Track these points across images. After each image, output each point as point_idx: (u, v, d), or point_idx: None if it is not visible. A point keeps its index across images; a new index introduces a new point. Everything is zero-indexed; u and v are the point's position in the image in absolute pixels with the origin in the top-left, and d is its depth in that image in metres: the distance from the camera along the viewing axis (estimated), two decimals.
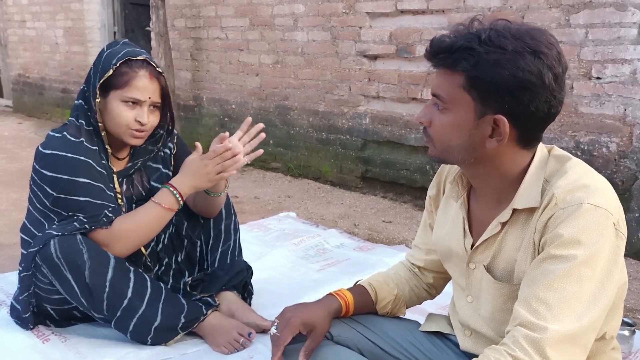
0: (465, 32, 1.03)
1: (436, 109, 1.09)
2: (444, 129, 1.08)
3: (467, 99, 1.04)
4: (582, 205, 0.98)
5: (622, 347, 1.29)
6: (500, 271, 1.13)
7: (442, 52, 1.04)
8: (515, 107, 1.01)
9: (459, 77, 1.03)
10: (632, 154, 2.67)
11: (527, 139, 1.08)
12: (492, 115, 1.03)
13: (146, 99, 1.69)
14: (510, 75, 0.99)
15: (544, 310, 0.96)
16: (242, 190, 3.91)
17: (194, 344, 1.77)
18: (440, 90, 1.08)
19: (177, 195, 1.70)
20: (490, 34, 1.01)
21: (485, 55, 0.99)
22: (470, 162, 1.10)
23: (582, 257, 0.96)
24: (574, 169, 1.06)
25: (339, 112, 3.97)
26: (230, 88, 4.76)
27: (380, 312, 1.42)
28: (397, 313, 1.45)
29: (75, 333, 1.80)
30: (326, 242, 2.73)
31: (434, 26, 3.35)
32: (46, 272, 1.62)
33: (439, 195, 1.35)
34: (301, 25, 4.10)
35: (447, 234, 1.26)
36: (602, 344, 1.12)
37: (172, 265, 1.93)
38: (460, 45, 1.02)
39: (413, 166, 3.60)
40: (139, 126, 1.69)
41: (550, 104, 1.02)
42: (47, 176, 1.65)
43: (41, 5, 6.92)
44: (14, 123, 6.84)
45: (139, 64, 1.68)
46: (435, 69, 1.09)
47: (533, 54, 0.99)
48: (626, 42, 2.64)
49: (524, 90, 1.00)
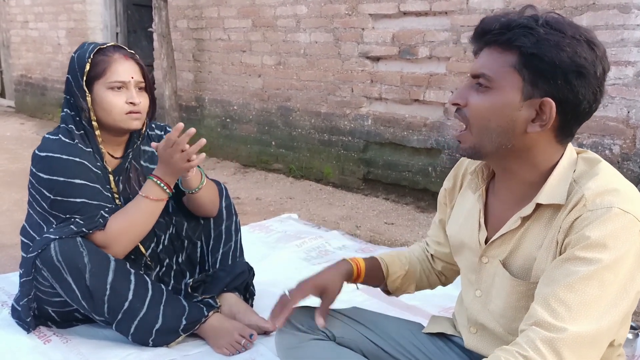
0: (518, 16, 1.04)
1: (474, 90, 1.07)
2: (485, 109, 1.05)
3: (516, 78, 1.02)
4: (611, 209, 0.97)
5: (625, 350, 1.29)
6: (518, 268, 1.11)
7: (497, 28, 1.03)
8: (565, 92, 1.01)
9: (512, 55, 1.02)
10: (635, 157, 2.66)
11: (565, 131, 1.07)
12: (540, 98, 1.02)
13: (129, 79, 1.70)
14: (569, 59, 0.99)
15: (563, 310, 0.95)
16: (243, 191, 3.91)
17: (196, 345, 1.76)
18: (485, 69, 1.05)
19: (162, 185, 1.69)
20: (548, 18, 1.02)
21: (545, 35, 0.99)
22: (507, 148, 1.07)
23: (606, 262, 0.95)
24: (605, 171, 1.05)
25: (341, 113, 3.96)
26: (232, 89, 4.76)
27: (390, 287, 1.43)
28: (407, 290, 1.45)
29: (77, 334, 1.80)
30: (328, 243, 2.72)
31: (436, 28, 3.35)
32: (47, 275, 1.62)
33: (455, 188, 1.33)
34: (304, 26, 4.10)
35: (462, 226, 1.25)
36: (610, 351, 1.11)
37: (172, 266, 1.92)
38: (519, 22, 1.02)
39: (415, 168, 3.59)
40: (132, 107, 1.70)
41: (596, 97, 1.03)
42: (43, 179, 1.65)
43: (44, 6, 6.93)
44: (16, 124, 6.85)
45: (111, 49, 1.72)
46: (481, 50, 1.07)
47: (588, 43, 1.00)
48: (630, 44, 2.63)
49: (578, 76, 1.00)
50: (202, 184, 1.81)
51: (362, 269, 1.36)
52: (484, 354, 1.17)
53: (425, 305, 2.08)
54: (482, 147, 1.09)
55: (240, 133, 4.76)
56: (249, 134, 4.68)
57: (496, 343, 1.16)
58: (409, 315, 1.97)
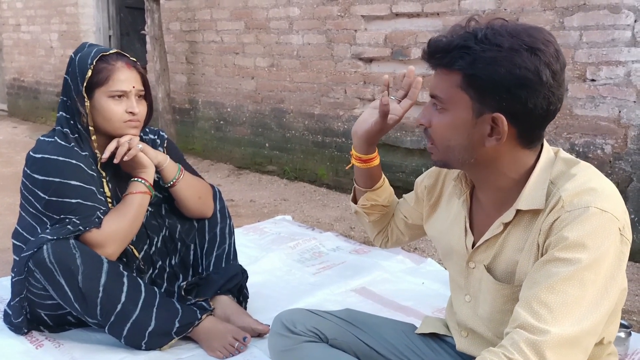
0: (462, 31, 1.03)
1: (435, 110, 1.09)
2: (443, 129, 1.08)
3: (464, 98, 1.04)
4: (588, 208, 0.98)
5: (617, 349, 1.29)
6: (501, 272, 1.12)
7: (439, 52, 1.05)
8: (513, 105, 1.01)
9: (456, 76, 1.03)
10: (627, 156, 2.68)
11: (528, 138, 1.07)
12: (490, 113, 1.03)
13: (130, 89, 1.71)
14: (507, 73, 0.99)
15: (545, 312, 0.95)
16: (237, 193, 3.90)
17: (189, 348, 1.76)
18: (437, 90, 1.08)
19: (140, 180, 1.75)
20: (486, 32, 1.01)
21: (481, 53, 0.99)
22: (471, 162, 1.09)
23: (586, 261, 0.96)
24: (582, 172, 1.05)
25: (334, 115, 3.97)
26: (225, 91, 4.75)
27: (363, 200, 1.44)
28: (370, 216, 1.47)
29: (69, 338, 1.79)
30: (322, 245, 2.72)
31: (428, 29, 3.36)
32: (39, 277, 1.61)
33: (435, 187, 1.34)
34: (296, 28, 4.10)
35: (449, 231, 1.26)
36: (600, 349, 1.12)
37: (166, 269, 1.92)
38: (456, 44, 1.02)
39: (409, 169, 3.60)
40: (132, 116, 1.72)
41: (549, 101, 1.02)
42: (38, 180, 1.65)
43: (36, 9, 6.90)
44: (9, 127, 6.82)
45: (114, 57, 1.72)
46: (433, 70, 1.09)
47: (530, 50, 0.99)
48: (620, 44, 2.64)
49: (521, 87, 0.99)
50: (178, 174, 1.85)
51: (377, 157, 1.41)
52: (475, 357, 1.17)
53: (418, 305, 2.08)
54: (449, 161, 1.13)
55: (233, 135, 4.76)
56: (243, 136, 4.68)
57: (486, 346, 1.16)
58: (401, 316, 1.97)
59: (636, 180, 2.66)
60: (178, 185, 1.85)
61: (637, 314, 2.15)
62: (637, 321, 2.09)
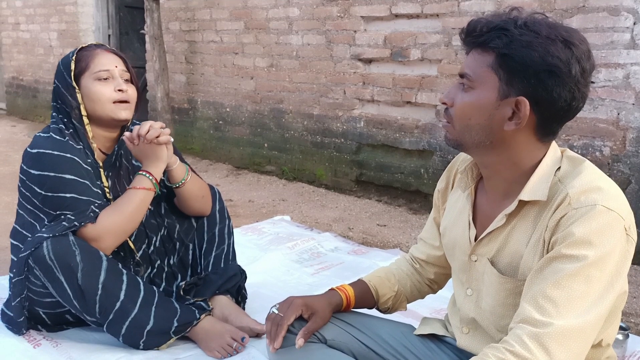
0: (504, 17, 1.07)
1: (460, 89, 1.11)
2: (466, 107, 1.09)
3: (493, 78, 1.06)
4: (595, 206, 0.99)
5: (615, 351, 1.29)
6: (505, 265, 1.13)
7: (477, 31, 1.07)
8: (538, 91, 1.03)
9: (489, 56, 1.05)
10: (625, 158, 2.68)
11: (545, 130, 1.08)
12: (515, 97, 1.04)
13: (114, 67, 1.75)
14: (540, 58, 1.01)
15: (549, 306, 0.97)
16: (236, 193, 3.90)
17: (187, 348, 1.76)
18: (468, 69, 1.09)
19: (148, 176, 1.73)
20: (526, 20, 1.04)
21: (518, 36, 1.02)
22: (487, 145, 1.10)
23: (592, 258, 0.97)
24: (589, 170, 1.07)
25: (333, 115, 3.97)
26: (224, 91, 4.75)
27: (381, 308, 1.44)
28: (399, 308, 1.47)
29: (67, 338, 1.78)
30: (320, 245, 2.72)
31: (428, 30, 3.36)
32: (39, 275, 1.61)
33: (447, 188, 1.36)
34: (296, 28, 4.11)
35: (453, 224, 1.27)
36: (599, 351, 1.12)
37: (164, 268, 1.92)
38: (495, 25, 1.05)
39: (407, 170, 3.60)
40: (121, 94, 1.74)
41: (573, 95, 1.04)
42: (34, 175, 1.66)
43: (35, 8, 6.90)
44: (7, 126, 6.81)
45: (93, 46, 1.80)
46: (468, 51, 1.11)
47: (564, 43, 1.02)
48: (619, 46, 2.65)
49: (550, 75, 1.01)
50: (186, 175, 1.85)
51: (352, 298, 1.38)
52: (476, 353, 1.17)
53: (417, 306, 2.07)
54: (464, 141, 1.13)
55: (232, 135, 4.75)
56: (242, 136, 4.68)
57: (487, 342, 1.17)
58: (400, 317, 1.97)
59: (634, 182, 2.66)
60: (185, 186, 1.86)
61: (635, 316, 2.16)
62: (635, 323, 2.10)
